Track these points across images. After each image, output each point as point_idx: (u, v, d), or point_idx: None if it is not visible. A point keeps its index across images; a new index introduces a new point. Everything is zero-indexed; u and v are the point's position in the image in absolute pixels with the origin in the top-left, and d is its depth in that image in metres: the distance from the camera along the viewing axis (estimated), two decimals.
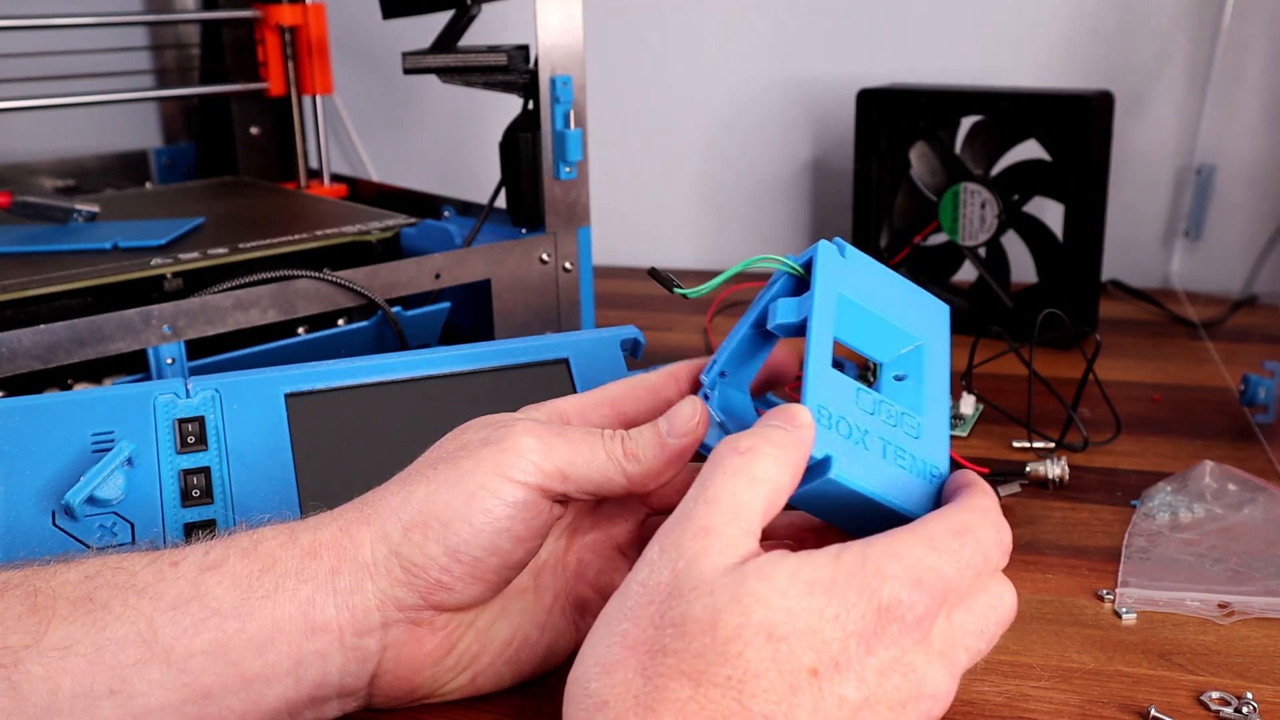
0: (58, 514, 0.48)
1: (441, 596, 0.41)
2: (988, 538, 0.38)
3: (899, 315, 0.47)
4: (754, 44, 1.15)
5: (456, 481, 0.41)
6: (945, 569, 0.36)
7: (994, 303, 0.92)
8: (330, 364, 0.54)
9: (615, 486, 0.42)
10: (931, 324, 0.47)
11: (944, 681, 0.36)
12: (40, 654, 0.37)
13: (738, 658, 0.33)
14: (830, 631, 0.34)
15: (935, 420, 0.45)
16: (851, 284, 0.46)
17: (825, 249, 0.46)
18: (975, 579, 0.38)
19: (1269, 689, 0.45)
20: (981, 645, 0.38)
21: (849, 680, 0.34)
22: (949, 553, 0.37)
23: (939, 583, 0.36)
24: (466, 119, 1.26)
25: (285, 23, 1.01)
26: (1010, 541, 0.40)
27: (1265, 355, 0.72)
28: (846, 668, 0.34)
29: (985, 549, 0.38)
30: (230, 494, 0.50)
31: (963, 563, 0.37)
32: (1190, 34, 1.02)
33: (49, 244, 0.74)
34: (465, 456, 0.41)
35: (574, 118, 0.76)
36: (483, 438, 0.42)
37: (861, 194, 0.95)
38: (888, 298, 0.47)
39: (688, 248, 1.22)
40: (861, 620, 0.34)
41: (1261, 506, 0.58)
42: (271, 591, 0.39)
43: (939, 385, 0.46)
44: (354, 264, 0.71)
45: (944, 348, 0.47)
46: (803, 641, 0.34)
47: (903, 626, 0.35)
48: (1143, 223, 1.08)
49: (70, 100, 0.96)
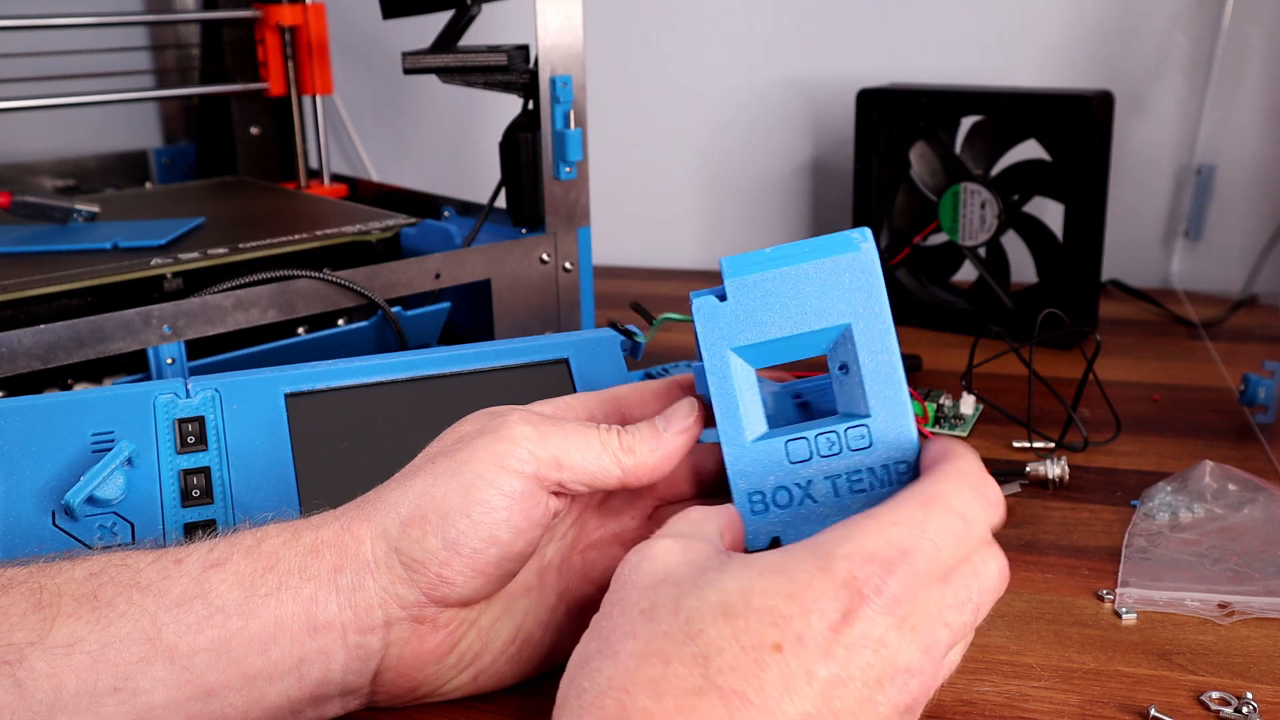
0: (58, 514, 0.48)
1: (443, 591, 0.41)
2: (963, 499, 0.37)
3: (813, 314, 0.43)
4: (754, 44, 1.15)
5: (453, 473, 0.41)
6: (904, 540, 0.36)
7: (994, 303, 0.92)
8: (330, 364, 0.54)
9: (610, 479, 0.42)
10: (855, 287, 0.42)
11: (917, 657, 0.35)
12: (45, 651, 0.37)
13: (699, 635, 0.34)
14: (788, 608, 0.34)
15: (886, 407, 0.42)
16: (742, 326, 0.43)
17: (699, 307, 0.43)
18: (955, 543, 0.37)
19: (1269, 689, 0.45)
20: (965, 617, 0.37)
21: (816, 656, 0.34)
22: (909, 524, 0.36)
23: (896, 554, 0.35)
24: (466, 119, 1.26)
25: (285, 23, 1.01)
26: (998, 496, 0.38)
27: (1265, 355, 0.72)
28: (812, 643, 0.34)
29: (962, 511, 0.37)
30: (230, 494, 0.50)
31: (930, 530, 0.36)
32: (1190, 34, 1.02)
33: (49, 244, 0.74)
34: (462, 448, 0.42)
35: (574, 118, 0.76)
36: (479, 428, 0.42)
37: (861, 194, 0.95)
38: (794, 301, 0.43)
39: (688, 248, 1.22)
40: (819, 597, 0.34)
41: (1261, 506, 0.58)
42: (274, 589, 0.40)
43: (880, 359, 0.42)
44: (354, 264, 0.71)
45: (876, 303, 0.42)
46: (760, 619, 0.34)
47: (862, 600, 0.34)
48: (1143, 223, 1.08)
49: (70, 100, 0.96)
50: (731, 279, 0.43)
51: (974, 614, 0.37)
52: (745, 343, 0.43)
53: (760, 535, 0.43)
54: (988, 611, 0.38)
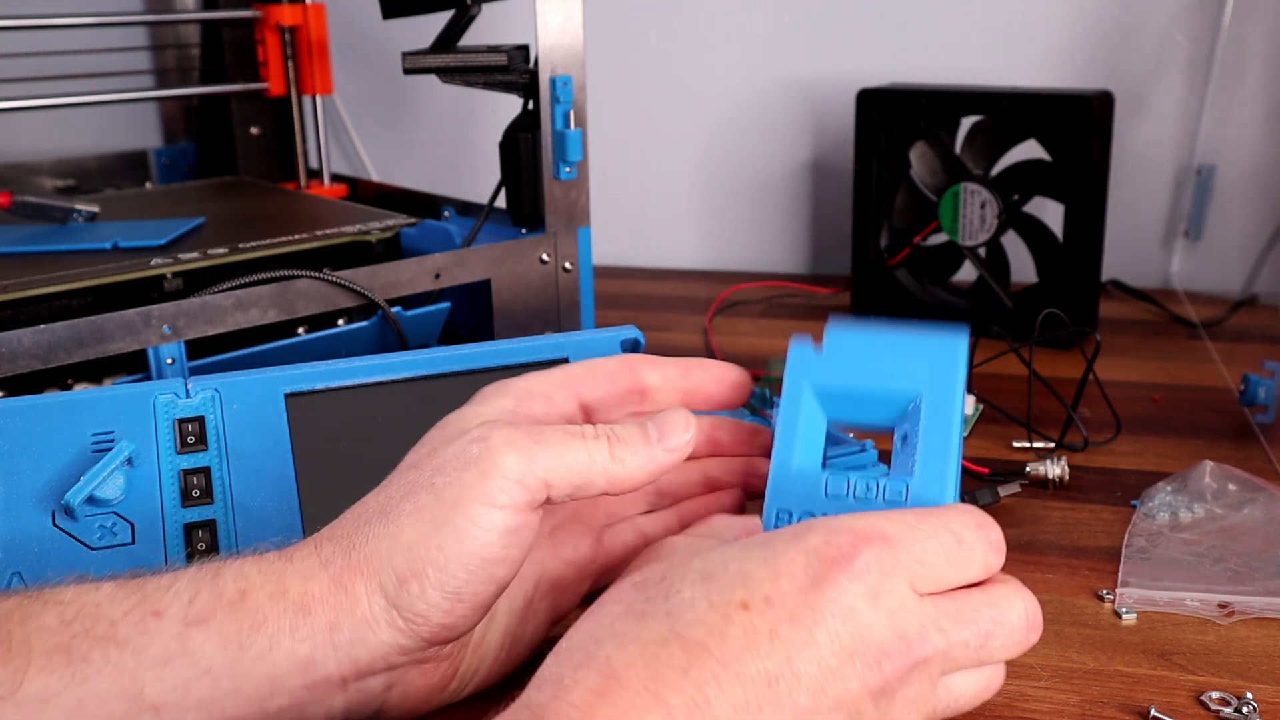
0: (58, 514, 0.48)
1: (445, 635, 0.40)
2: (961, 524, 0.38)
3: (893, 376, 0.46)
4: (754, 44, 1.15)
5: (444, 520, 0.39)
6: (889, 528, 0.36)
7: (994, 303, 0.92)
8: (330, 364, 0.54)
9: (594, 489, 0.41)
10: (937, 366, 0.47)
11: (892, 639, 0.35)
12: (17, 705, 0.35)
13: (676, 594, 0.35)
14: (761, 571, 0.35)
15: (929, 471, 0.44)
16: (828, 372, 0.47)
17: (794, 348, 0.47)
18: (946, 558, 0.37)
19: (1269, 689, 0.45)
20: (965, 635, 0.37)
21: (782, 616, 0.34)
22: (899, 521, 0.37)
23: (875, 534, 0.36)
24: (466, 119, 1.26)
25: (285, 23, 1.01)
26: (1000, 540, 0.38)
27: (1265, 355, 0.72)
28: (779, 604, 0.34)
29: (959, 533, 0.37)
30: (230, 494, 0.50)
31: (919, 533, 0.36)
32: (1190, 34, 1.02)
33: (49, 244, 0.74)
34: (446, 485, 0.39)
35: (574, 118, 0.76)
36: (460, 457, 0.40)
37: (861, 194, 0.95)
38: (879, 363, 0.47)
39: (688, 248, 1.22)
40: (792, 563, 0.35)
41: (1261, 506, 0.58)
42: (266, 651, 0.38)
43: (940, 433, 0.45)
44: (354, 264, 0.71)
45: (951, 385, 0.46)
46: (733, 580, 0.35)
47: (832, 566, 0.35)
48: (1142, 223, 1.08)
49: (70, 100, 0.96)
50: (832, 331, 0.48)
51: (982, 640, 0.37)
52: (824, 385, 0.46)
53: None
54: (1008, 654, 0.38)
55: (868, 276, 0.96)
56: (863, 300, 0.97)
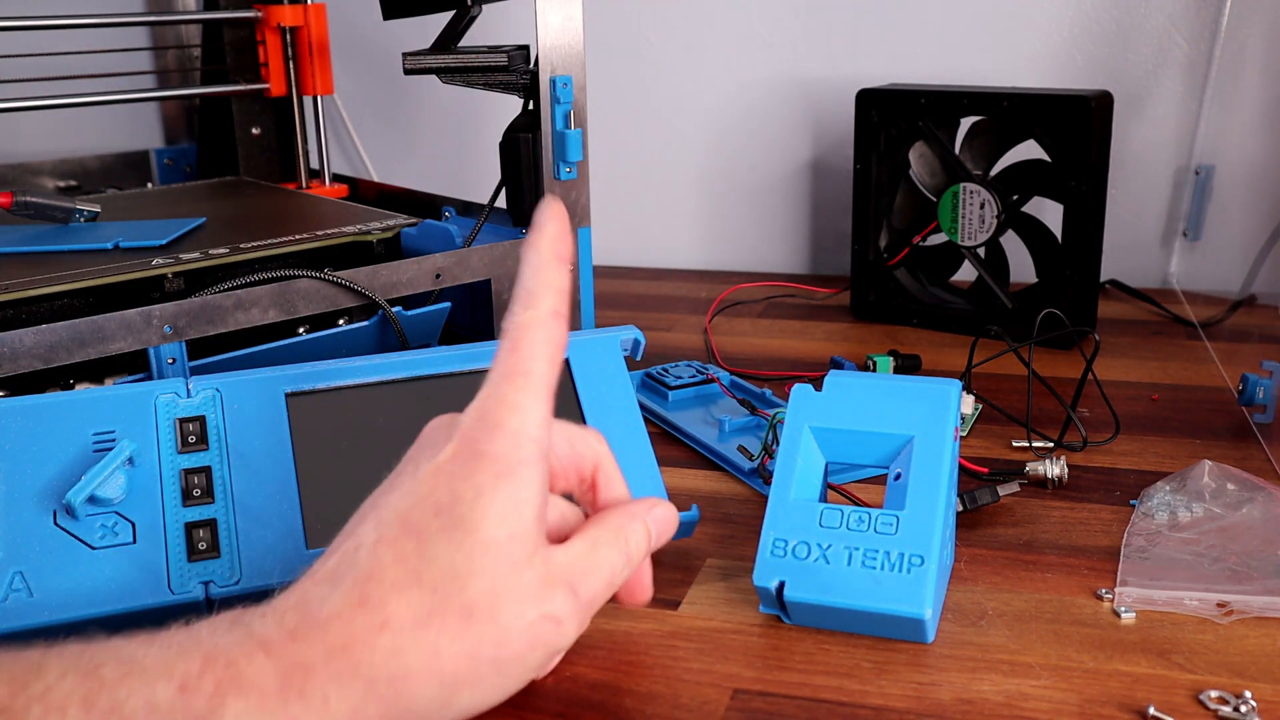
0: (59, 513, 0.48)
1: None
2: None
3: (887, 419, 0.50)
4: (754, 44, 1.15)
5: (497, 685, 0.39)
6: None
7: (993, 303, 0.92)
8: (331, 364, 0.54)
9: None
10: (929, 411, 0.50)
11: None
12: None
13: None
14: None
15: (920, 507, 0.48)
16: (825, 412, 0.51)
17: (796, 391, 0.52)
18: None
19: (1268, 688, 0.45)
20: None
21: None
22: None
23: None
24: (466, 119, 1.27)
25: (286, 23, 1.02)
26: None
27: (1264, 355, 0.72)
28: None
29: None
30: (231, 493, 0.50)
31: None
32: (1189, 34, 1.02)
33: (50, 244, 0.74)
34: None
35: (574, 118, 0.76)
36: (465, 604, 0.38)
37: (861, 194, 0.95)
38: (877, 406, 0.51)
39: (688, 248, 1.23)
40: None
41: (1260, 506, 0.58)
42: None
43: (930, 473, 0.48)
44: (354, 264, 0.71)
45: (943, 429, 0.49)
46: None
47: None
48: (1141, 223, 1.08)
49: (72, 100, 0.96)
50: (833, 376, 0.52)
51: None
52: (822, 425, 0.51)
53: (768, 574, 0.48)
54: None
55: (867, 276, 0.96)
56: (862, 300, 0.97)
